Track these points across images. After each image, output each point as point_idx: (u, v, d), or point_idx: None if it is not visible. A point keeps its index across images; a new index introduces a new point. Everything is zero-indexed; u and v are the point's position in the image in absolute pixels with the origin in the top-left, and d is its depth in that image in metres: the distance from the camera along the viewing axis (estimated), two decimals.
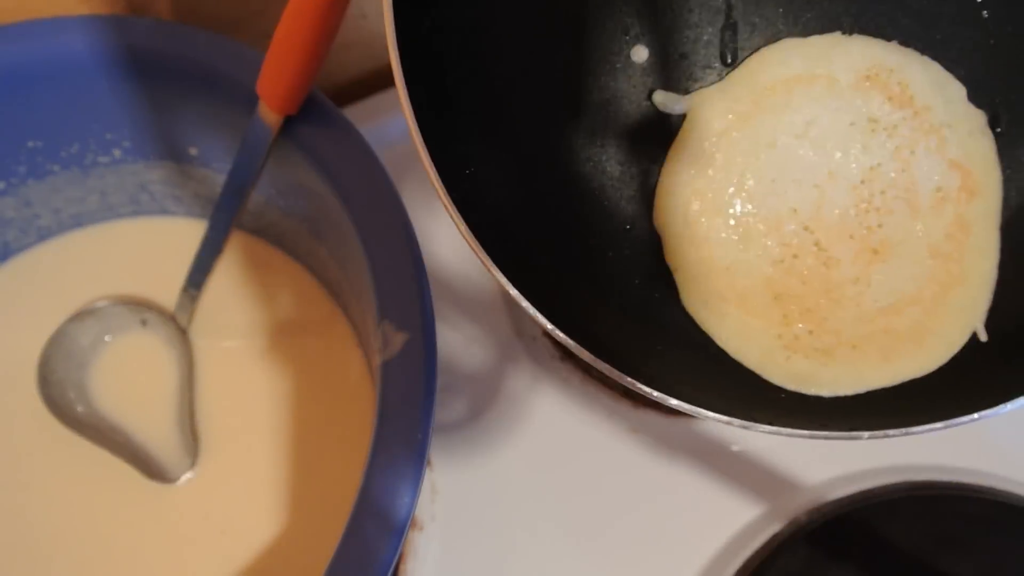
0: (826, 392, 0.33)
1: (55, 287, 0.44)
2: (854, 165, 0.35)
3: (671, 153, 0.35)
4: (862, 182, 0.35)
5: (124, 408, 0.42)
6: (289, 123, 0.36)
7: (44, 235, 0.45)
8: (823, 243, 0.34)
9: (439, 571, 0.44)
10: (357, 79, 0.59)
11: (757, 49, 0.35)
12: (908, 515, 0.43)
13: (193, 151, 0.42)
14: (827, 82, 0.35)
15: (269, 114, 0.35)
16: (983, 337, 0.33)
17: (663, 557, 0.44)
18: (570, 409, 0.47)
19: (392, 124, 0.55)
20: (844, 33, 0.35)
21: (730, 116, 0.35)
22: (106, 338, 0.43)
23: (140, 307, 0.43)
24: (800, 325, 0.34)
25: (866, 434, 0.29)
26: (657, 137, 0.34)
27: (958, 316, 0.33)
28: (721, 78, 0.36)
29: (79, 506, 0.41)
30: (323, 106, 0.37)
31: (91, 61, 0.38)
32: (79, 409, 0.42)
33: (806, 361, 0.34)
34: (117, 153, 0.43)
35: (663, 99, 0.36)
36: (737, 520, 0.45)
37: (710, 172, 0.35)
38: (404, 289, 0.33)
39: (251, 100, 0.35)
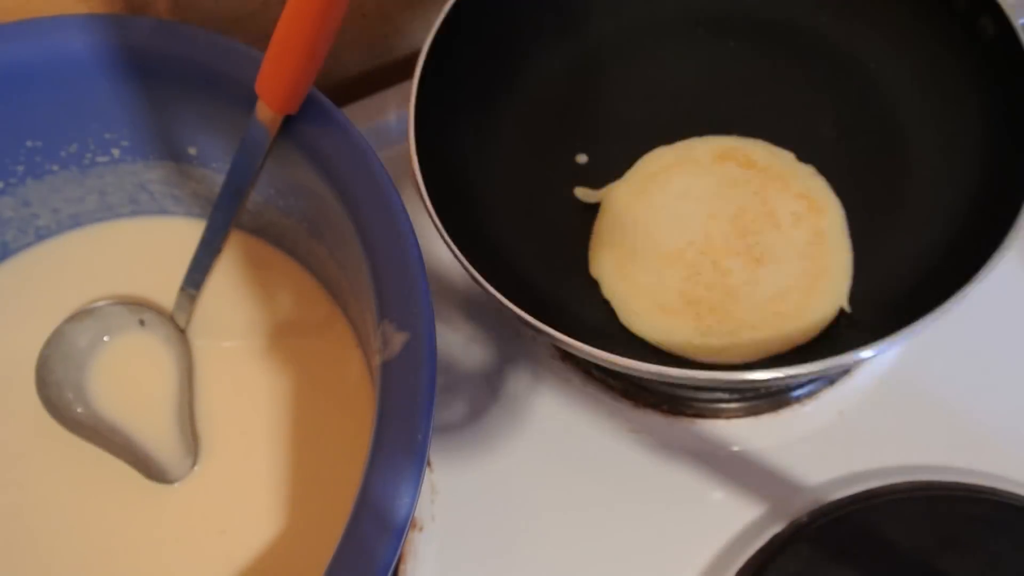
0: (738, 360, 0.45)
1: (53, 287, 0.44)
2: (726, 207, 0.48)
3: (595, 226, 0.48)
4: (735, 216, 0.47)
5: (123, 409, 0.42)
6: (288, 122, 0.36)
7: (42, 235, 0.45)
8: (717, 261, 0.47)
9: (439, 572, 0.44)
10: (357, 78, 0.59)
11: (638, 153, 0.50)
12: (909, 515, 0.43)
13: (192, 151, 0.42)
14: (693, 163, 0.49)
15: (268, 113, 0.35)
16: (848, 309, 0.45)
17: (663, 557, 0.44)
18: (570, 409, 0.47)
19: (392, 124, 0.55)
20: (697, 135, 0.50)
21: (631, 195, 0.49)
22: (104, 338, 0.43)
23: (138, 307, 0.43)
24: (710, 318, 0.45)
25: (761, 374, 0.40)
26: (585, 217, 0.49)
27: (827, 297, 0.45)
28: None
29: (78, 507, 0.41)
30: (322, 105, 0.36)
31: (90, 60, 0.38)
32: (78, 410, 0.42)
33: (719, 340, 0.45)
34: (116, 153, 0.43)
35: (584, 193, 0.50)
36: (738, 520, 0.45)
37: (624, 230, 0.48)
38: (404, 289, 0.33)
39: (250, 99, 0.35)
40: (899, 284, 0.45)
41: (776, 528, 0.44)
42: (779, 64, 0.51)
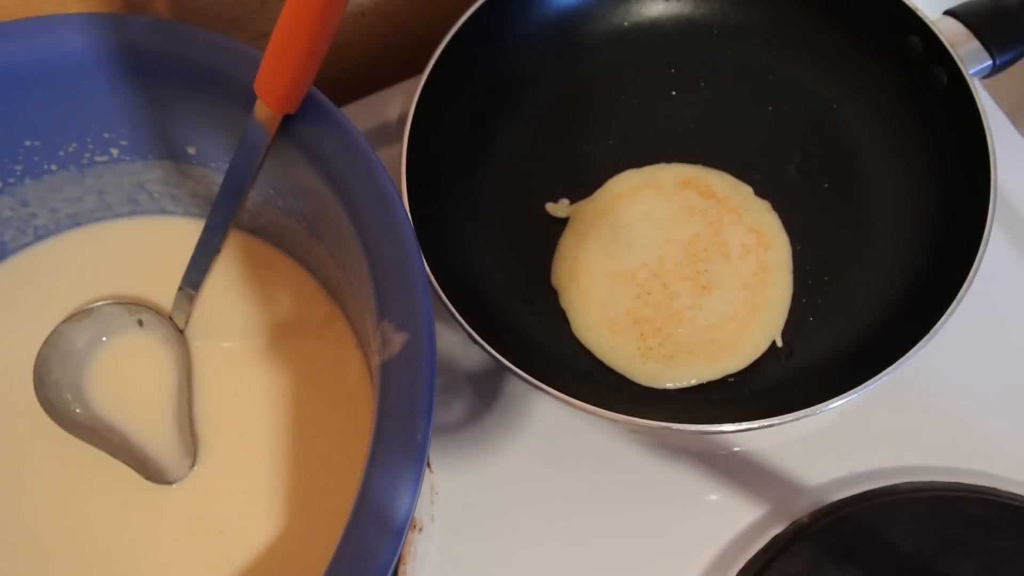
0: (670, 385, 0.47)
1: (52, 287, 0.44)
2: (682, 233, 0.50)
3: (560, 240, 0.51)
4: (689, 243, 0.50)
5: (121, 409, 0.42)
6: (287, 122, 0.36)
7: (41, 235, 0.45)
8: (667, 284, 0.49)
9: (438, 572, 0.44)
10: (356, 78, 0.59)
11: (608, 177, 0.52)
12: (910, 516, 0.43)
13: (191, 150, 0.42)
14: (657, 188, 0.51)
15: (267, 113, 0.35)
16: (779, 344, 0.48)
17: (664, 558, 0.44)
18: (570, 409, 0.47)
19: (391, 123, 0.55)
20: (666, 162, 0.52)
21: (595, 213, 0.51)
22: (103, 339, 0.43)
23: (137, 307, 0.43)
24: (652, 339, 0.48)
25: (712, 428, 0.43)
26: (550, 231, 0.51)
27: (762, 329, 0.48)
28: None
29: (77, 508, 0.41)
30: (322, 105, 0.36)
31: (89, 59, 0.38)
32: (76, 411, 0.42)
33: (656, 364, 0.47)
34: (115, 152, 0.43)
35: (553, 208, 0.51)
36: (739, 521, 0.45)
37: (586, 246, 0.50)
38: (403, 289, 0.33)
39: (249, 99, 0.35)
40: (842, 327, 0.48)
41: (777, 529, 0.44)
42: (748, 103, 0.54)
